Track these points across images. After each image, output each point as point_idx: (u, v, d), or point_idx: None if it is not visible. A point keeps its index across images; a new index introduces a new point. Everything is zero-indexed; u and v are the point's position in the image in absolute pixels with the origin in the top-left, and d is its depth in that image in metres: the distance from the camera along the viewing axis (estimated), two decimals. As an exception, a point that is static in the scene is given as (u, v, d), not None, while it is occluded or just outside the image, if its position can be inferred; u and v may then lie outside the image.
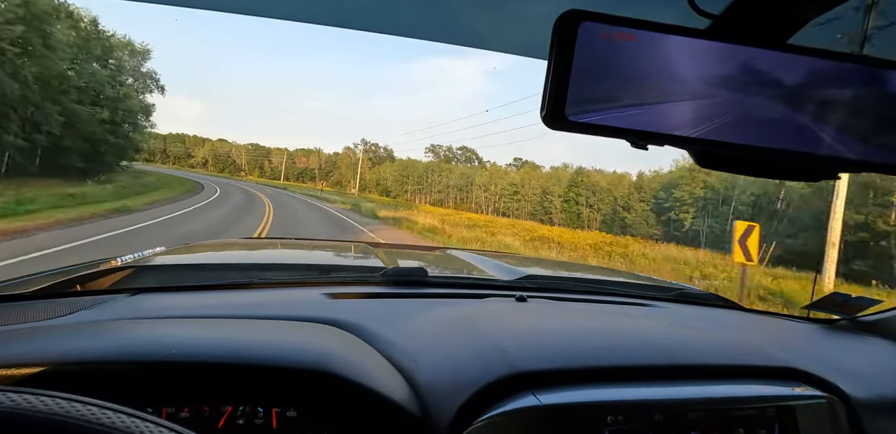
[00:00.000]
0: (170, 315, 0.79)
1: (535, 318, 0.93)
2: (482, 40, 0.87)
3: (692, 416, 0.64)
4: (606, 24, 0.42)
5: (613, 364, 0.70)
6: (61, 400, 0.32)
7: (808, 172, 0.51)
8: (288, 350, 0.64)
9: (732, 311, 1.28)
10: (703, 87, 0.44)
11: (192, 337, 0.65)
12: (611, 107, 0.43)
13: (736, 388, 0.70)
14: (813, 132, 0.46)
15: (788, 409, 0.68)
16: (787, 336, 1.08)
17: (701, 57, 0.44)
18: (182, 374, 0.58)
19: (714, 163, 0.52)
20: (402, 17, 0.85)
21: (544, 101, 0.43)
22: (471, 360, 0.68)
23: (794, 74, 0.45)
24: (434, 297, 1.05)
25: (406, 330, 0.81)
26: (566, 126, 0.43)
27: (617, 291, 1.28)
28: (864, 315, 1.19)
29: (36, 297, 0.86)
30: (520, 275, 1.34)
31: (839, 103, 0.46)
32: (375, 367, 0.67)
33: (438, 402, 0.61)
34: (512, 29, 0.77)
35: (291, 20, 0.88)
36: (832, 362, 0.85)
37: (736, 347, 0.83)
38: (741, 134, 0.45)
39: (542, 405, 0.59)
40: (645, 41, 0.43)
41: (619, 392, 0.64)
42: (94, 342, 0.62)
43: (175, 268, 1.23)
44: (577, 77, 0.42)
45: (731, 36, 0.44)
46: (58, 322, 0.75)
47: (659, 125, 0.44)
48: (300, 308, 0.87)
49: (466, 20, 0.79)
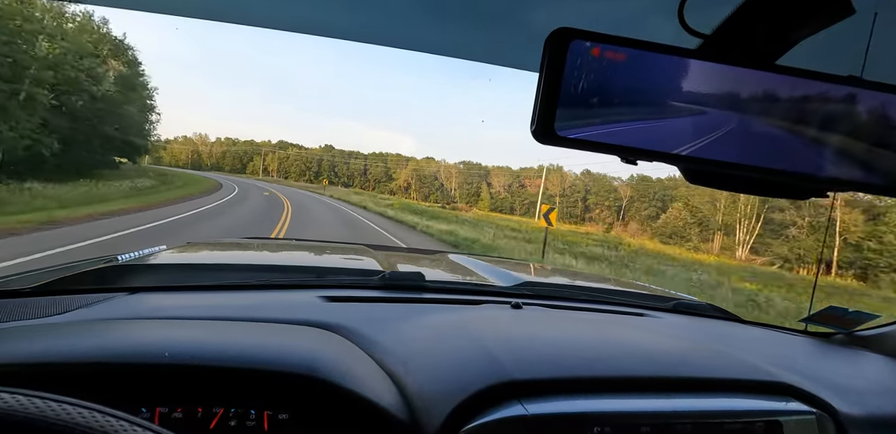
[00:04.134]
0: (166, 315, 0.80)
1: (529, 326, 0.93)
2: (477, 54, 0.88)
3: (680, 428, 0.64)
4: (597, 42, 0.43)
5: (603, 375, 0.70)
6: (52, 402, 0.32)
7: (796, 191, 0.52)
8: (278, 354, 0.65)
9: (728, 323, 1.28)
10: (692, 105, 0.45)
11: (186, 338, 0.66)
12: (600, 123, 0.44)
13: (725, 401, 0.70)
14: (801, 151, 0.47)
15: (777, 424, 0.68)
16: (782, 349, 1.08)
17: (691, 76, 0.45)
18: (175, 375, 0.59)
19: (704, 180, 0.52)
20: (402, 31, 0.86)
21: (534, 116, 0.43)
22: (461, 367, 0.69)
23: (782, 94, 0.46)
24: (430, 303, 1.06)
25: (399, 335, 0.81)
26: (555, 141, 0.44)
27: (613, 300, 1.28)
28: (860, 330, 1.19)
29: (34, 294, 0.87)
30: (517, 281, 1.35)
31: (827, 123, 0.46)
32: (365, 372, 0.67)
33: (427, 409, 0.62)
34: (505, 43, 0.79)
35: (301, 32, 0.90)
36: (825, 377, 0.85)
37: (728, 360, 0.83)
38: (730, 152, 0.46)
39: (529, 415, 0.60)
40: (635, 59, 0.44)
41: (607, 403, 0.65)
42: (90, 341, 0.63)
43: (174, 267, 1.24)
44: (566, 93, 0.43)
45: (721, 56, 0.45)
46: (54, 320, 0.76)
47: (648, 142, 0.45)
48: (295, 311, 0.88)
49: (462, 33, 0.81)
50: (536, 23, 0.64)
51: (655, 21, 0.57)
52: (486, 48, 0.84)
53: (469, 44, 0.83)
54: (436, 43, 0.88)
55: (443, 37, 0.83)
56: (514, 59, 0.84)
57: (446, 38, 0.83)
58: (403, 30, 0.83)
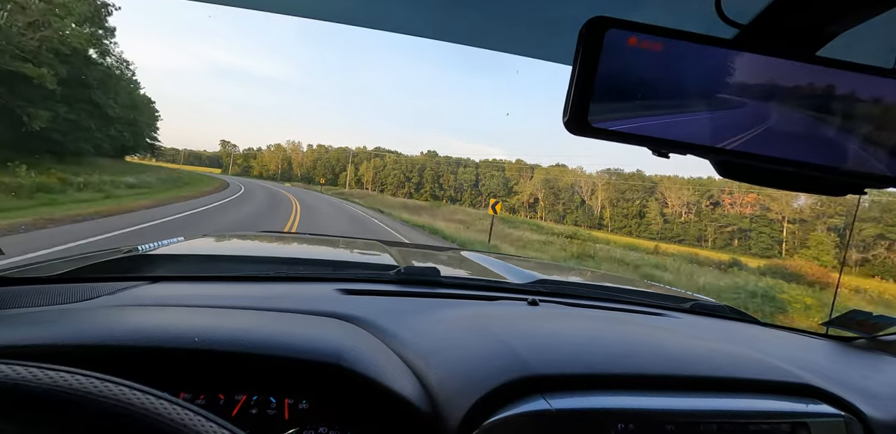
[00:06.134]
0: (188, 304, 0.81)
1: (548, 322, 0.93)
2: (508, 44, 0.88)
3: (705, 428, 0.63)
4: (633, 31, 0.42)
5: (627, 372, 0.69)
6: (111, 384, 0.33)
7: (832, 187, 0.51)
8: (304, 342, 0.65)
9: (747, 325, 1.26)
10: (728, 97, 0.44)
11: (212, 325, 0.67)
12: (634, 114, 0.43)
13: (751, 402, 0.69)
14: (839, 146, 0.45)
15: (803, 426, 0.67)
16: (805, 352, 1.06)
17: (727, 67, 0.44)
18: (202, 360, 0.60)
19: (736, 173, 0.51)
20: (430, 20, 0.86)
21: (567, 106, 0.43)
22: (483, 361, 0.69)
23: (821, 87, 0.44)
24: (446, 298, 1.06)
25: (418, 329, 0.81)
26: (589, 132, 0.43)
27: (630, 299, 1.27)
28: (883, 334, 1.16)
29: (59, 281, 0.89)
30: (532, 279, 1.34)
31: (867, 117, 0.45)
32: (387, 364, 0.67)
33: (449, 402, 0.62)
34: (538, 34, 0.78)
35: (321, 19, 0.90)
36: (850, 381, 0.84)
37: (752, 361, 0.81)
38: (765, 145, 0.45)
39: (552, 409, 0.59)
40: (671, 49, 0.43)
41: (631, 400, 0.64)
42: (118, 326, 0.64)
43: (193, 258, 1.26)
44: (601, 84, 0.42)
45: (758, 46, 0.44)
46: (82, 306, 0.77)
47: (681, 134, 0.44)
48: (314, 302, 0.88)
49: (492, 24, 0.80)
50: (565, 11, 0.63)
51: (689, 9, 0.56)
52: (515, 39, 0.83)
53: (497, 34, 0.83)
54: (459, 33, 0.88)
55: (468, 26, 0.83)
56: (544, 50, 0.83)
57: (472, 27, 0.83)
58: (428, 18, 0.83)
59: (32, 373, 0.32)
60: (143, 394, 0.34)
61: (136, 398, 0.33)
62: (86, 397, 0.32)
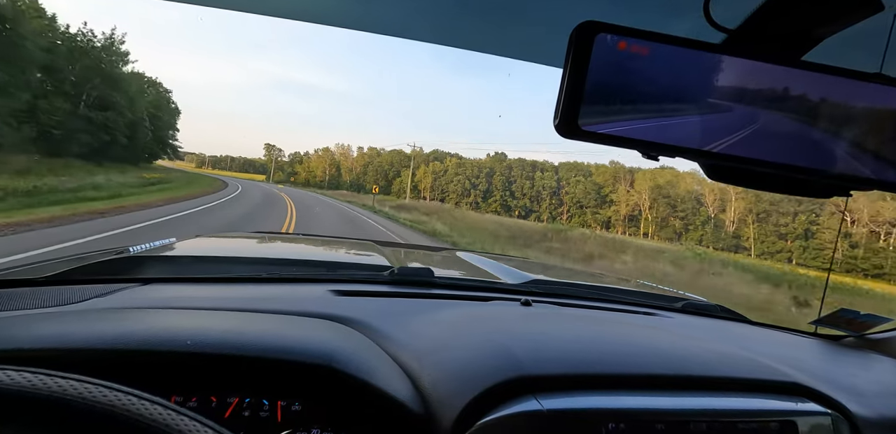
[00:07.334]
0: (180, 305, 0.81)
1: (541, 322, 0.93)
2: (499, 47, 0.88)
3: (694, 427, 0.63)
4: (622, 36, 0.43)
5: (618, 372, 0.70)
6: (104, 387, 0.33)
7: (818, 189, 0.52)
8: (296, 344, 0.65)
9: (738, 324, 1.28)
10: (716, 100, 0.44)
11: (205, 327, 0.66)
12: (624, 118, 0.44)
13: (740, 400, 0.70)
14: (826, 149, 0.46)
15: (791, 425, 0.68)
16: (794, 351, 1.07)
17: (715, 71, 0.44)
18: (194, 363, 0.59)
19: (725, 176, 0.52)
20: (422, 23, 0.86)
21: (558, 109, 0.43)
22: (476, 362, 0.69)
23: (808, 91, 0.45)
24: (440, 298, 1.06)
25: (411, 329, 0.81)
26: (579, 135, 0.43)
27: (622, 299, 1.28)
28: (871, 333, 1.18)
29: (49, 283, 0.88)
30: (525, 279, 1.35)
31: (853, 121, 0.46)
32: (380, 365, 0.67)
33: (441, 403, 0.62)
34: (529, 37, 0.79)
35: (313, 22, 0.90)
36: (838, 379, 0.85)
37: (741, 360, 0.82)
38: (753, 148, 0.46)
39: (544, 410, 0.60)
40: (660, 54, 0.43)
41: (621, 400, 0.64)
42: (109, 329, 0.63)
43: (185, 259, 1.25)
44: (591, 87, 0.42)
45: (745, 50, 0.45)
46: (71, 308, 0.76)
47: (671, 137, 0.45)
48: (307, 303, 0.88)
49: (484, 27, 0.81)
50: (556, 15, 0.64)
51: (677, 14, 0.57)
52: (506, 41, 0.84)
53: (488, 37, 0.84)
54: (451, 36, 0.88)
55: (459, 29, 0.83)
56: (531, 52, 0.84)
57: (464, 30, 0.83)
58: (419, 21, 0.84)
59: (9, 375, 0.32)
60: (109, 390, 0.34)
61: (105, 397, 0.33)
62: (62, 399, 0.32)
